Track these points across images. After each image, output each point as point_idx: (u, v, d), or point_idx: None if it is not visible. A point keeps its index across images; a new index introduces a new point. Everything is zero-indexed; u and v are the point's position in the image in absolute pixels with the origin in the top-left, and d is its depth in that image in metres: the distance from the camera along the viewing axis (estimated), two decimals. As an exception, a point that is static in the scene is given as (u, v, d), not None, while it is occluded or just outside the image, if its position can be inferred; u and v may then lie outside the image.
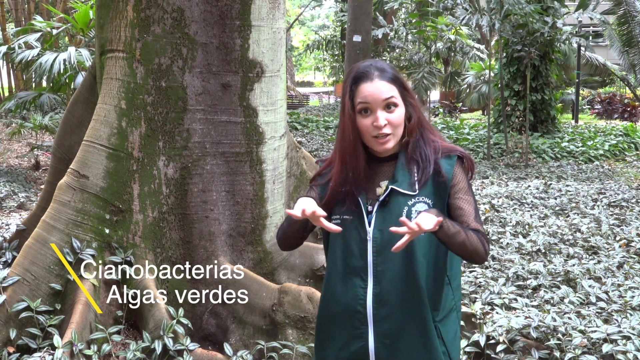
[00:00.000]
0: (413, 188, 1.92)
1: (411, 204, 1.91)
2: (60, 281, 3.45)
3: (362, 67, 1.97)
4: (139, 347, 3.26)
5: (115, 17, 3.71)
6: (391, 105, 1.92)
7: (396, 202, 1.93)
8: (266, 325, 3.56)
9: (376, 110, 1.91)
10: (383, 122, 1.90)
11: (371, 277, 1.93)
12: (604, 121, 22.70)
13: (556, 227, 6.23)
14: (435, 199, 1.93)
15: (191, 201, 3.73)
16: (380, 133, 1.91)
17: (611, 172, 11.22)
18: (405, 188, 1.93)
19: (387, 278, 1.92)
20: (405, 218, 1.85)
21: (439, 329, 1.95)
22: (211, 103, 3.74)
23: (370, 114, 1.92)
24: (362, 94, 1.92)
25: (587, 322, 3.66)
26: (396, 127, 1.93)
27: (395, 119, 1.92)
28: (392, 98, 1.92)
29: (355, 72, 1.96)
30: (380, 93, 1.91)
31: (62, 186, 3.57)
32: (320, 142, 13.89)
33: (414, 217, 1.88)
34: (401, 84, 1.96)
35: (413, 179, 1.93)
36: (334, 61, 28.43)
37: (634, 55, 19.50)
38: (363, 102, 1.92)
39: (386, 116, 1.91)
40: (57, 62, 8.36)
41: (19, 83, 15.91)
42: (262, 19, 3.80)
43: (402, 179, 1.94)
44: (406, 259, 1.91)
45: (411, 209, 1.91)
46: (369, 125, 1.92)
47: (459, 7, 12.35)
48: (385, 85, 1.92)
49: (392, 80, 1.94)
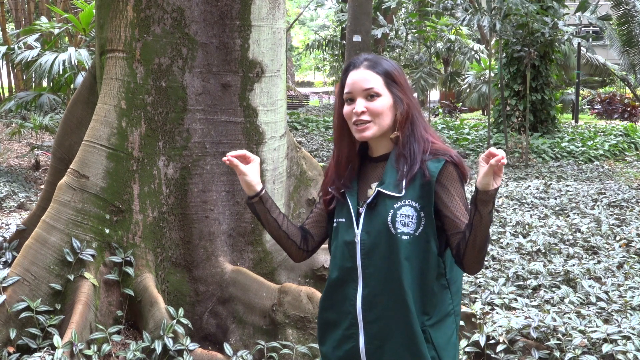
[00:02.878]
0: (399, 189, 1.91)
1: (397, 207, 1.90)
2: (60, 281, 3.44)
3: (355, 57, 2.02)
4: (139, 347, 3.26)
5: (115, 17, 3.71)
6: (373, 94, 1.93)
7: (383, 204, 1.92)
8: (266, 325, 3.55)
9: (357, 98, 1.94)
10: (360, 108, 1.92)
11: (361, 279, 1.94)
12: (604, 121, 22.70)
13: (556, 227, 6.23)
14: (422, 202, 1.90)
15: (191, 201, 3.73)
16: (358, 119, 1.93)
17: (611, 172, 11.21)
18: (391, 190, 1.91)
19: (375, 280, 1.92)
20: (390, 222, 1.88)
21: (429, 333, 1.92)
22: (211, 103, 3.74)
23: (353, 102, 1.95)
24: (348, 81, 1.96)
25: (587, 322, 3.66)
26: (376, 115, 1.93)
27: (375, 107, 1.92)
28: (373, 88, 1.93)
29: (349, 62, 2.01)
30: (362, 81, 1.93)
31: (62, 186, 3.57)
32: (320, 142, 13.89)
33: (398, 221, 1.88)
34: (390, 76, 1.96)
35: (400, 178, 1.91)
36: (333, 61, 28.43)
37: (634, 55, 19.51)
38: (347, 92, 1.96)
39: (365, 104, 1.93)
40: (57, 62, 8.35)
41: (19, 83, 15.91)
42: (262, 19, 3.80)
43: (390, 180, 1.93)
44: (390, 262, 1.90)
45: (397, 212, 1.90)
46: (350, 113, 1.95)
47: (459, 7, 12.35)
48: (370, 74, 1.94)
49: (380, 71, 1.95)
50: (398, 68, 2.00)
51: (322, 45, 23.89)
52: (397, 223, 1.89)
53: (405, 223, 1.89)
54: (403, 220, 1.89)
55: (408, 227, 1.89)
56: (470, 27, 17.35)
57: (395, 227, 1.89)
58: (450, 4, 12.51)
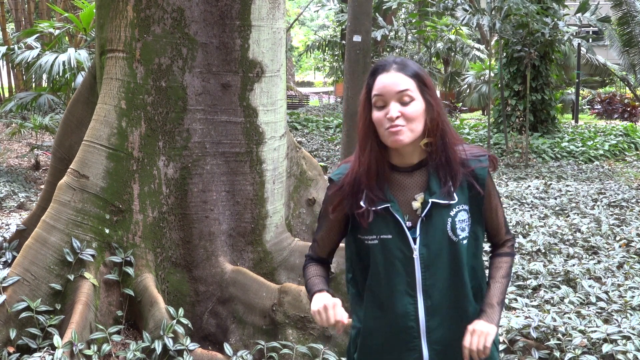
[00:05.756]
0: (451, 196, 1.88)
1: (453, 215, 1.88)
2: (60, 281, 3.44)
3: (383, 60, 1.92)
4: (139, 347, 3.26)
5: (115, 17, 3.72)
6: (406, 98, 1.84)
7: (438, 214, 1.88)
8: (266, 325, 3.55)
9: (390, 102, 1.84)
10: (395, 113, 1.82)
11: (420, 292, 1.90)
12: (604, 121, 22.69)
13: (556, 227, 6.23)
14: (470, 203, 1.91)
15: (191, 201, 3.73)
16: (392, 124, 1.83)
17: (611, 172, 11.21)
18: (445, 198, 1.88)
19: (437, 290, 1.90)
20: (450, 230, 1.87)
21: None
22: (211, 103, 3.74)
23: (385, 107, 1.85)
24: (378, 85, 1.86)
25: (587, 322, 3.66)
26: (411, 121, 1.84)
27: (410, 112, 1.83)
28: (407, 91, 1.84)
29: (375, 65, 1.92)
30: (395, 85, 1.84)
31: (62, 186, 3.57)
32: (320, 142, 13.89)
33: (458, 228, 1.88)
34: (422, 80, 1.88)
35: (448, 186, 1.88)
36: (333, 61, 28.42)
37: (634, 55, 19.49)
38: (377, 95, 1.86)
39: (399, 108, 1.83)
40: (57, 63, 8.35)
41: (19, 83, 15.90)
42: (262, 19, 3.80)
43: (437, 189, 1.88)
44: (453, 269, 1.90)
45: (455, 220, 1.88)
46: (382, 118, 1.85)
47: (459, 7, 12.33)
48: (402, 77, 1.85)
49: (411, 74, 1.86)
50: (425, 71, 1.92)
51: (322, 45, 23.88)
52: (457, 230, 1.88)
53: (463, 228, 1.90)
54: (461, 226, 1.89)
55: (464, 231, 1.90)
56: (470, 27, 17.34)
57: (456, 234, 1.88)
58: (451, 3, 12.50)
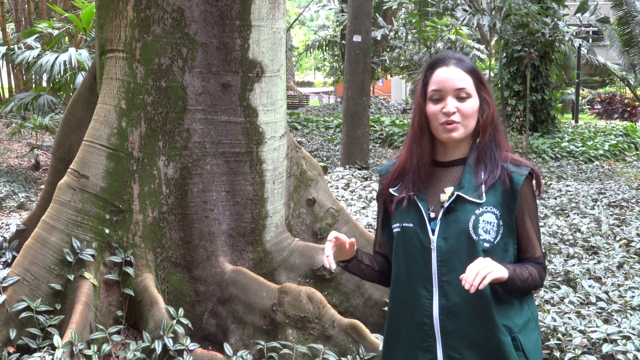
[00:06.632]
0: (480, 195, 1.84)
1: (479, 214, 1.83)
2: (60, 281, 3.44)
3: (440, 54, 1.91)
4: (139, 347, 3.26)
5: (115, 17, 3.72)
6: (463, 94, 1.84)
7: (463, 209, 1.84)
8: (266, 325, 3.55)
9: (447, 97, 1.84)
10: (452, 108, 1.82)
11: (436, 288, 1.85)
12: (604, 121, 22.70)
13: (556, 227, 6.23)
14: (503, 210, 1.85)
15: (191, 201, 3.73)
16: (448, 120, 1.82)
17: (611, 172, 11.21)
18: (471, 195, 1.84)
19: (454, 289, 1.83)
20: (472, 228, 1.81)
21: (519, 340, 1.86)
22: (211, 103, 3.74)
23: (441, 101, 1.85)
24: (436, 79, 1.86)
25: (587, 322, 3.66)
26: (466, 117, 1.84)
27: (467, 109, 1.84)
28: (465, 88, 1.84)
29: (432, 59, 1.91)
30: (454, 80, 1.84)
31: (62, 186, 3.57)
32: (320, 142, 13.89)
33: (481, 227, 1.83)
34: (478, 76, 1.88)
35: (480, 182, 1.85)
36: (333, 61, 28.43)
37: (634, 55, 19.50)
38: (435, 89, 1.85)
39: (456, 104, 1.83)
40: (57, 63, 8.35)
41: (19, 83, 15.90)
42: (262, 19, 3.80)
43: (469, 185, 1.86)
44: None
45: (479, 219, 1.83)
46: (437, 112, 1.84)
47: (459, 8, 12.34)
48: (461, 73, 1.85)
49: (469, 70, 1.86)
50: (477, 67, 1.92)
51: (322, 45, 23.89)
52: (480, 229, 1.83)
53: (487, 230, 1.84)
54: (485, 227, 1.84)
55: (489, 234, 1.84)
56: (470, 27, 17.35)
57: (477, 233, 1.83)
58: (451, 4, 12.50)
